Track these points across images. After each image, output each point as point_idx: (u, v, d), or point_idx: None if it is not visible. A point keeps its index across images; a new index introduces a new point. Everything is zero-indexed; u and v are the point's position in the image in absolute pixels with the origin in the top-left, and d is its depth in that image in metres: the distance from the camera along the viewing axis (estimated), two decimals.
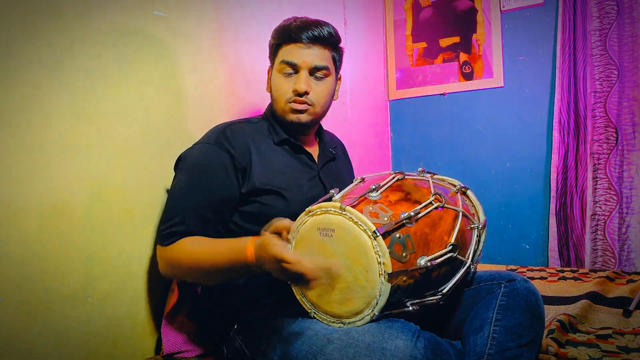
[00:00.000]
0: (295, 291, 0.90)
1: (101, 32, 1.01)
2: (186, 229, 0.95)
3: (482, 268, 1.22)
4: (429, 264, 0.81)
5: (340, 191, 0.91)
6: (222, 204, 1.00)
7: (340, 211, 0.81)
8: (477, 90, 2.49)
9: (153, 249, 1.12)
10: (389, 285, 0.78)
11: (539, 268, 1.94)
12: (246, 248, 0.85)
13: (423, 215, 0.86)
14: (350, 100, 2.22)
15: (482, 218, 1.01)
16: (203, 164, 0.99)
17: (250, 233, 1.02)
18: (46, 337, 0.89)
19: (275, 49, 1.10)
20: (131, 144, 1.08)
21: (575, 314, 1.30)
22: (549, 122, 2.33)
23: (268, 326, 0.95)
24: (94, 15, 1.00)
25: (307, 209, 0.86)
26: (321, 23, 1.08)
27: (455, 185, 1.07)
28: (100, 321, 0.99)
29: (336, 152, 1.24)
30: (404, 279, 0.80)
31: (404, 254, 0.80)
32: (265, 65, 1.17)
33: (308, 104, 1.06)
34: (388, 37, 2.70)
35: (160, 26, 1.17)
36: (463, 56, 2.51)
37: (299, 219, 0.88)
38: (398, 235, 0.80)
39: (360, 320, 0.83)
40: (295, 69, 1.06)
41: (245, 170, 1.01)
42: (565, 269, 1.90)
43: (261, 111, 1.21)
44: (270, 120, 1.13)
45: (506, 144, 2.44)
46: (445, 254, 0.85)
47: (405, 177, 0.99)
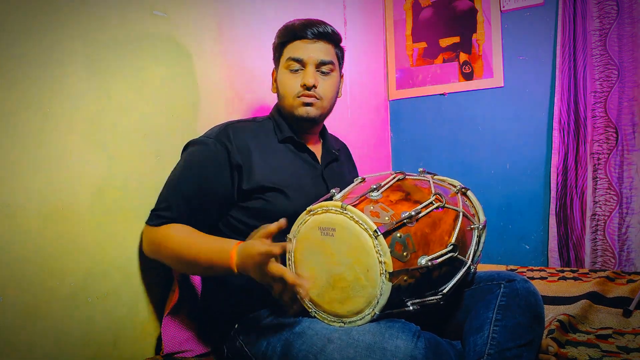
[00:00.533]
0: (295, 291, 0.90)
1: (101, 32, 1.01)
2: (171, 215, 0.99)
3: (482, 268, 1.22)
4: (429, 263, 0.81)
5: (341, 191, 0.91)
6: (211, 198, 1.02)
7: (342, 210, 0.82)
8: (477, 90, 2.49)
9: None
10: (390, 284, 0.78)
11: (539, 268, 1.94)
12: (230, 252, 0.87)
13: (424, 215, 0.86)
14: (350, 100, 2.22)
15: (483, 219, 1.01)
16: (199, 157, 1.02)
17: (252, 228, 1.02)
18: (46, 337, 0.89)
19: (280, 48, 1.12)
20: (131, 144, 1.08)
21: (575, 314, 1.30)
22: (549, 122, 2.33)
23: (268, 326, 0.95)
24: (94, 16, 1.00)
25: (308, 208, 0.87)
26: (323, 22, 1.12)
27: (455, 186, 1.07)
28: (100, 321, 0.99)
29: (339, 154, 1.25)
30: (405, 278, 0.80)
31: (405, 254, 0.80)
32: (265, 64, 1.18)
33: (316, 98, 1.09)
34: (388, 37, 2.71)
35: (160, 26, 1.17)
36: (463, 56, 2.51)
37: (300, 218, 0.88)
38: (399, 234, 0.80)
39: (360, 319, 0.83)
40: (302, 65, 1.08)
41: (240, 167, 1.02)
42: (565, 269, 1.90)
43: (261, 111, 1.21)
44: (276, 119, 1.14)
45: (506, 144, 2.44)
46: (446, 253, 0.85)
47: (406, 178, 0.99)
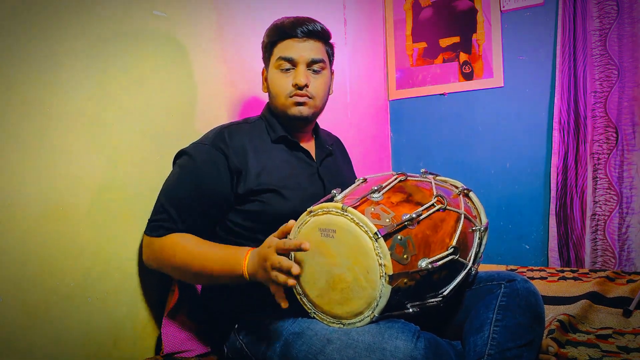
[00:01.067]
0: (295, 291, 0.90)
1: (101, 32, 1.01)
2: (172, 225, 0.97)
3: (483, 268, 1.21)
4: (430, 266, 0.81)
5: (342, 191, 0.91)
6: (211, 204, 1.01)
7: (342, 212, 0.81)
8: (477, 90, 2.49)
9: None
10: (390, 287, 0.77)
11: (539, 268, 1.94)
12: (243, 260, 0.88)
13: (425, 217, 0.86)
14: (350, 100, 2.22)
15: (484, 220, 1.01)
16: (196, 164, 1.01)
17: (249, 231, 1.02)
18: (46, 337, 0.89)
19: (270, 48, 1.11)
20: (131, 144, 1.07)
21: (575, 314, 1.30)
22: (549, 122, 2.33)
23: (268, 326, 0.95)
24: (93, 15, 0.99)
25: (309, 209, 0.86)
26: (312, 19, 1.10)
27: (457, 187, 1.06)
28: (100, 321, 0.99)
29: (333, 148, 1.24)
30: (405, 280, 0.80)
31: (405, 256, 0.80)
32: None
33: (309, 97, 1.08)
34: (388, 37, 2.70)
35: (160, 26, 1.16)
36: (463, 56, 2.51)
37: (300, 218, 0.88)
38: (399, 237, 0.80)
39: (360, 321, 0.83)
40: (292, 64, 1.07)
41: (240, 172, 1.02)
42: (565, 269, 1.90)
43: (261, 111, 1.20)
44: (268, 119, 1.14)
45: (506, 144, 2.44)
46: (447, 256, 0.85)
47: (408, 179, 0.99)
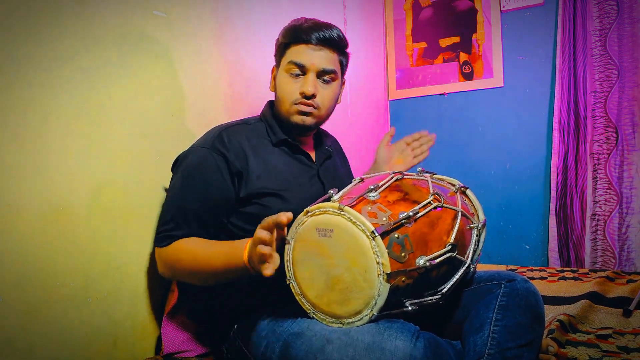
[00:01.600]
0: (294, 291, 0.90)
1: (101, 32, 1.01)
2: (181, 233, 0.97)
3: (482, 268, 1.21)
4: (427, 263, 0.81)
5: (339, 191, 0.91)
6: (217, 207, 1.01)
7: (339, 211, 0.81)
8: (477, 90, 2.49)
9: (153, 249, 1.12)
10: (388, 285, 0.77)
11: (539, 268, 1.94)
12: (243, 249, 0.87)
13: (422, 215, 0.86)
14: (350, 100, 2.22)
15: (482, 217, 1.01)
16: (198, 168, 1.00)
17: (249, 234, 1.02)
18: (46, 337, 0.89)
19: (283, 48, 1.08)
20: (131, 144, 1.08)
21: (575, 314, 1.30)
22: (549, 122, 2.33)
23: (268, 326, 0.95)
24: (93, 16, 1.00)
25: (306, 210, 0.86)
26: (331, 25, 1.07)
27: (454, 185, 1.06)
28: (100, 321, 0.99)
29: (331, 149, 1.24)
30: (403, 279, 0.80)
31: (403, 254, 0.80)
32: (265, 64, 1.18)
33: (314, 107, 1.06)
34: (388, 37, 2.71)
35: (160, 26, 1.17)
36: (463, 56, 2.51)
37: (297, 219, 0.88)
38: (397, 235, 0.80)
39: (359, 320, 0.83)
40: (303, 71, 1.05)
41: (241, 174, 1.01)
42: (565, 269, 1.90)
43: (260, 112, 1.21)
44: (268, 120, 1.13)
45: (506, 144, 2.44)
46: (444, 253, 0.85)
47: (404, 177, 0.99)
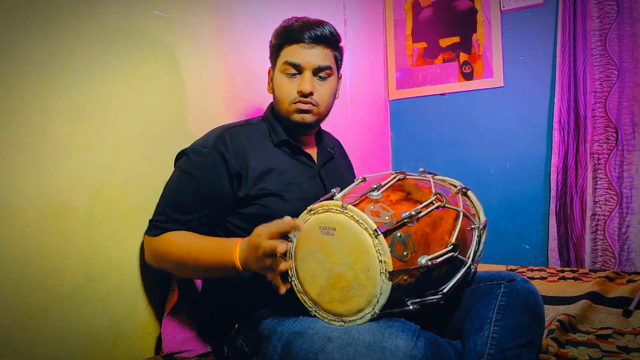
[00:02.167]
0: (296, 289, 0.90)
1: (101, 32, 1.01)
2: (171, 226, 0.99)
3: (482, 268, 1.21)
4: (429, 263, 0.81)
5: (341, 190, 0.91)
6: (211, 206, 1.01)
7: (342, 210, 0.82)
8: (477, 90, 2.49)
9: None
10: (390, 283, 0.78)
11: (539, 268, 1.94)
12: (234, 249, 0.88)
13: (424, 215, 0.86)
14: (350, 100, 2.22)
15: (483, 219, 1.01)
16: (196, 166, 1.01)
17: (249, 234, 1.02)
18: (46, 337, 0.89)
19: (277, 50, 1.10)
20: (131, 144, 1.08)
21: (575, 314, 1.30)
22: (549, 122, 2.33)
23: (269, 325, 0.95)
24: (94, 15, 1.00)
25: (309, 208, 0.87)
26: (322, 22, 1.08)
27: (456, 186, 1.07)
28: (100, 321, 0.99)
29: (334, 152, 1.25)
30: (405, 277, 0.80)
31: (405, 253, 0.80)
32: (265, 64, 1.17)
33: (313, 104, 1.07)
34: (388, 37, 2.71)
35: (160, 26, 1.17)
36: (463, 56, 2.51)
37: (300, 217, 0.88)
38: (399, 234, 0.80)
39: (360, 318, 0.83)
40: (298, 70, 1.06)
41: (240, 175, 1.02)
42: (565, 269, 1.90)
43: (261, 111, 1.21)
44: (270, 121, 1.13)
45: (506, 144, 2.44)
46: (446, 253, 0.85)
47: (407, 177, 0.99)
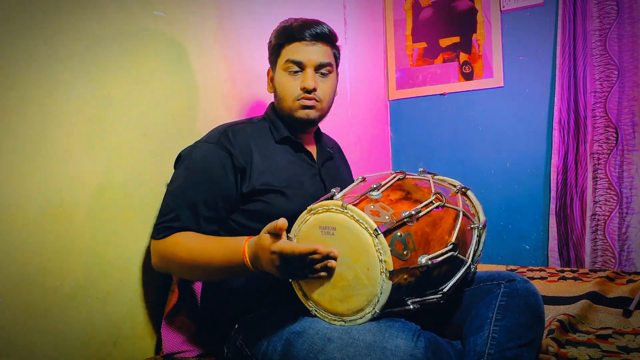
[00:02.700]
0: (296, 289, 0.90)
1: (101, 32, 1.01)
2: (180, 225, 0.96)
3: (482, 268, 1.22)
4: (429, 262, 0.81)
5: (341, 190, 0.91)
6: (219, 202, 1.01)
7: (342, 209, 0.82)
8: (477, 90, 2.49)
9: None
10: (390, 283, 0.78)
11: (539, 268, 1.94)
12: (242, 248, 0.86)
13: (424, 214, 0.86)
14: (350, 100, 2.22)
15: (483, 218, 1.01)
16: (202, 162, 1.01)
17: (252, 231, 1.02)
18: (46, 337, 0.89)
19: (277, 49, 1.11)
20: (131, 144, 1.08)
21: (575, 314, 1.30)
22: (549, 122, 2.33)
23: (269, 325, 0.95)
24: (93, 15, 1.00)
25: (309, 207, 0.87)
26: (319, 22, 1.11)
27: (455, 186, 1.07)
28: (100, 321, 0.99)
29: (333, 152, 1.26)
30: (405, 277, 0.80)
31: (405, 252, 0.80)
32: (265, 64, 1.18)
33: (316, 100, 1.09)
34: (388, 37, 2.71)
35: (160, 26, 1.17)
36: (463, 56, 2.51)
37: (300, 217, 0.88)
38: (399, 233, 0.80)
39: (361, 318, 0.83)
40: (301, 67, 1.08)
41: (245, 170, 1.02)
42: (565, 269, 1.90)
43: (261, 110, 1.21)
44: (271, 119, 1.14)
45: (506, 144, 2.44)
46: (446, 252, 0.85)
47: (406, 177, 0.99)
